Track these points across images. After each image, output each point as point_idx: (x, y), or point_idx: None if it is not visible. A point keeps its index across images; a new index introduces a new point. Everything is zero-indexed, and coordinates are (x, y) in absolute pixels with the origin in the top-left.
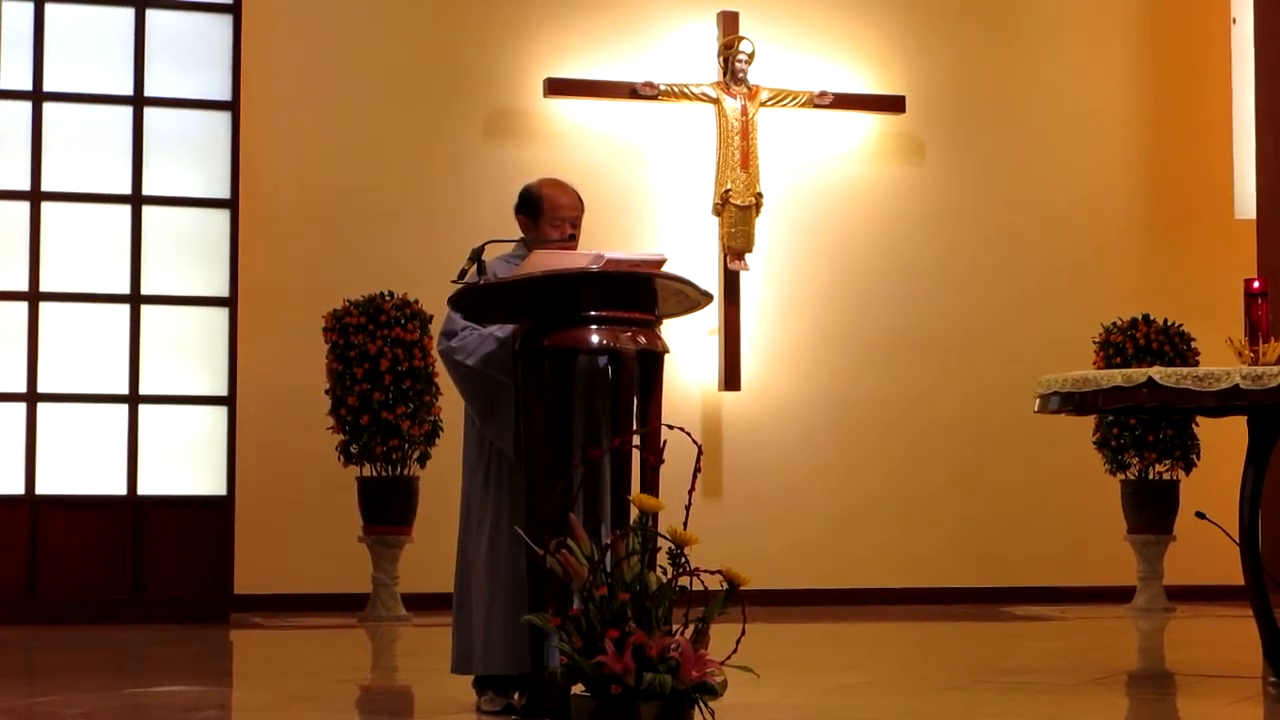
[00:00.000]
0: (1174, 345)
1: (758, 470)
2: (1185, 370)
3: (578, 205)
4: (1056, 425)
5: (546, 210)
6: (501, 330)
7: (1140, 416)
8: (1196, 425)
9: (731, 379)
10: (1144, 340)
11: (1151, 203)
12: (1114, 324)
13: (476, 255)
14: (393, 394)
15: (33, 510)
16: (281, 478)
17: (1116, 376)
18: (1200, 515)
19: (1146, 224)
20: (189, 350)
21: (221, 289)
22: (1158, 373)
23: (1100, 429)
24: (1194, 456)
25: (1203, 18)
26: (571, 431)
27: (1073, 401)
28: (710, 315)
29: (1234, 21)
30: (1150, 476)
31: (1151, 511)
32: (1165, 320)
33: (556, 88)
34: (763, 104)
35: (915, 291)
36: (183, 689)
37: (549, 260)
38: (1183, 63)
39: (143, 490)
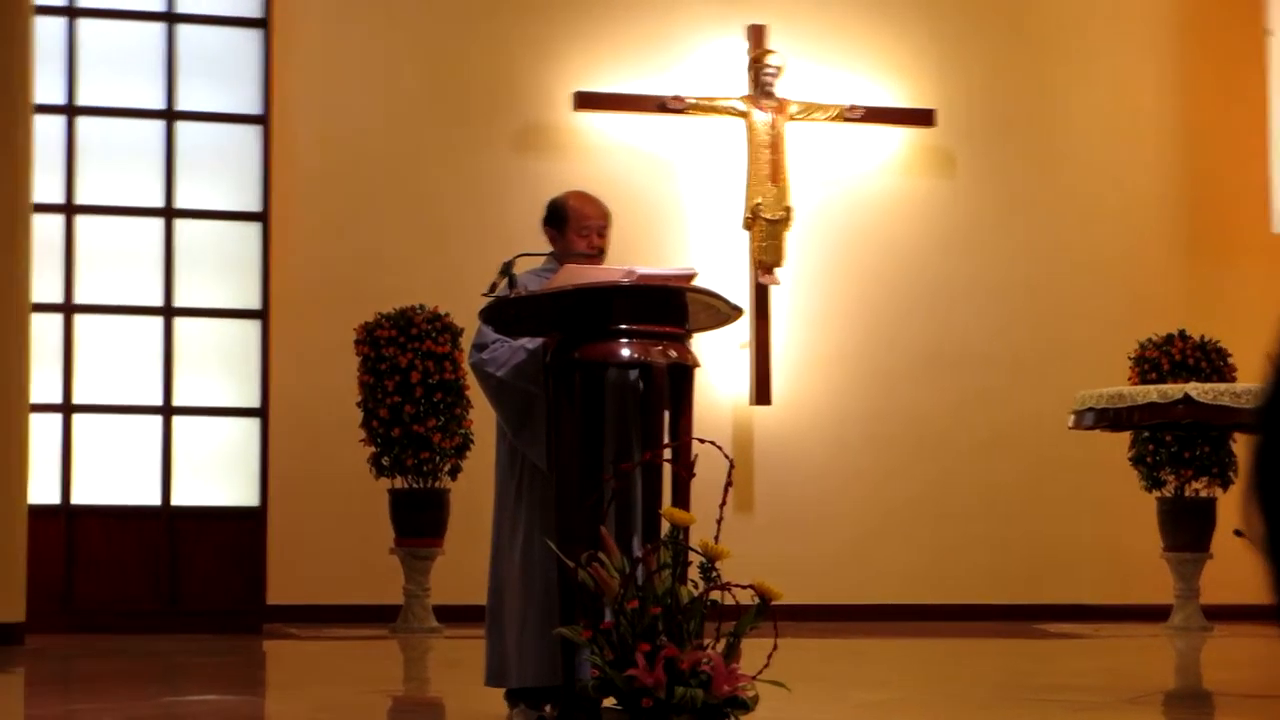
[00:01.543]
0: (1210, 361)
1: (789, 484)
2: (1222, 386)
3: (604, 215)
4: (1091, 441)
5: (573, 220)
6: (532, 342)
7: (1176, 433)
8: (1234, 442)
9: (762, 393)
10: (1180, 356)
11: (1187, 216)
12: (1149, 340)
13: (507, 268)
14: (424, 407)
15: (68, 520)
16: (314, 490)
17: (1152, 393)
18: (1239, 533)
19: (1182, 238)
20: (221, 362)
21: (253, 302)
22: (1194, 389)
23: (1136, 445)
24: (1231, 473)
25: (1237, 29)
26: (602, 445)
27: (1108, 418)
28: (741, 329)
29: (1269, 33)
30: (1186, 494)
31: (1188, 529)
32: (1201, 336)
33: (585, 101)
34: (792, 117)
35: (946, 306)
36: (216, 699)
37: (580, 274)
38: (1217, 75)
39: (176, 501)
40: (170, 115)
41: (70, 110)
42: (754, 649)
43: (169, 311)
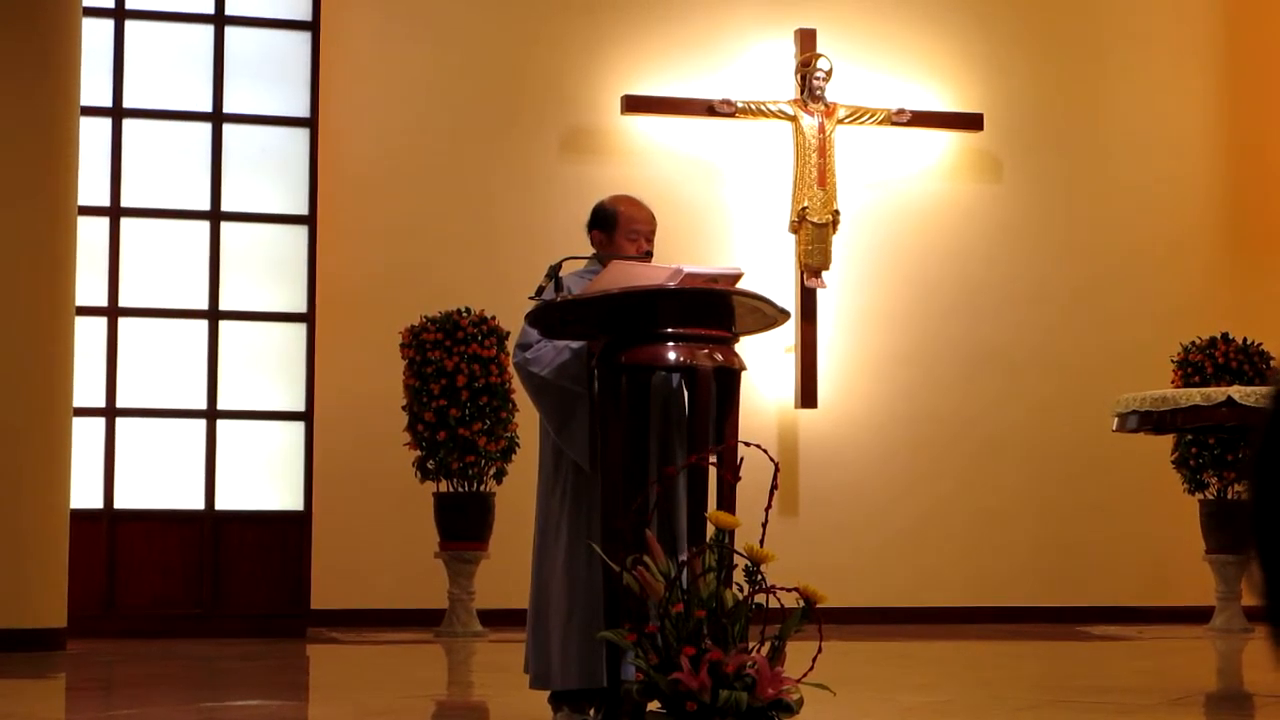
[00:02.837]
0: (1253, 364)
1: (834, 488)
2: (1265, 389)
3: (652, 220)
4: (1136, 444)
5: (622, 225)
6: (576, 342)
7: (1219, 436)
8: None
9: (808, 396)
10: (1223, 359)
11: (1230, 220)
12: (1193, 343)
13: (554, 272)
14: (469, 410)
15: (111, 524)
16: (358, 493)
17: (1195, 395)
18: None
19: (1225, 241)
20: (267, 366)
21: (299, 305)
22: (1237, 392)
23: (1179, 448)
24: None
25: None
26: (648, 448)
27: (1151, 421)
28: (787, 333)
29: None
30: (1229, 496)
31: (1231, 531)
32: (1245, 339)
33: (633, 105)
34: (840, 121)
35: (992, 309)
36: (259, 703)
37: (628, 273)
38: (1263, 79)
39: (220, 505)
40: (217, 118)
41: (117, 112)
42: (798, 652)
43: (214, 315)
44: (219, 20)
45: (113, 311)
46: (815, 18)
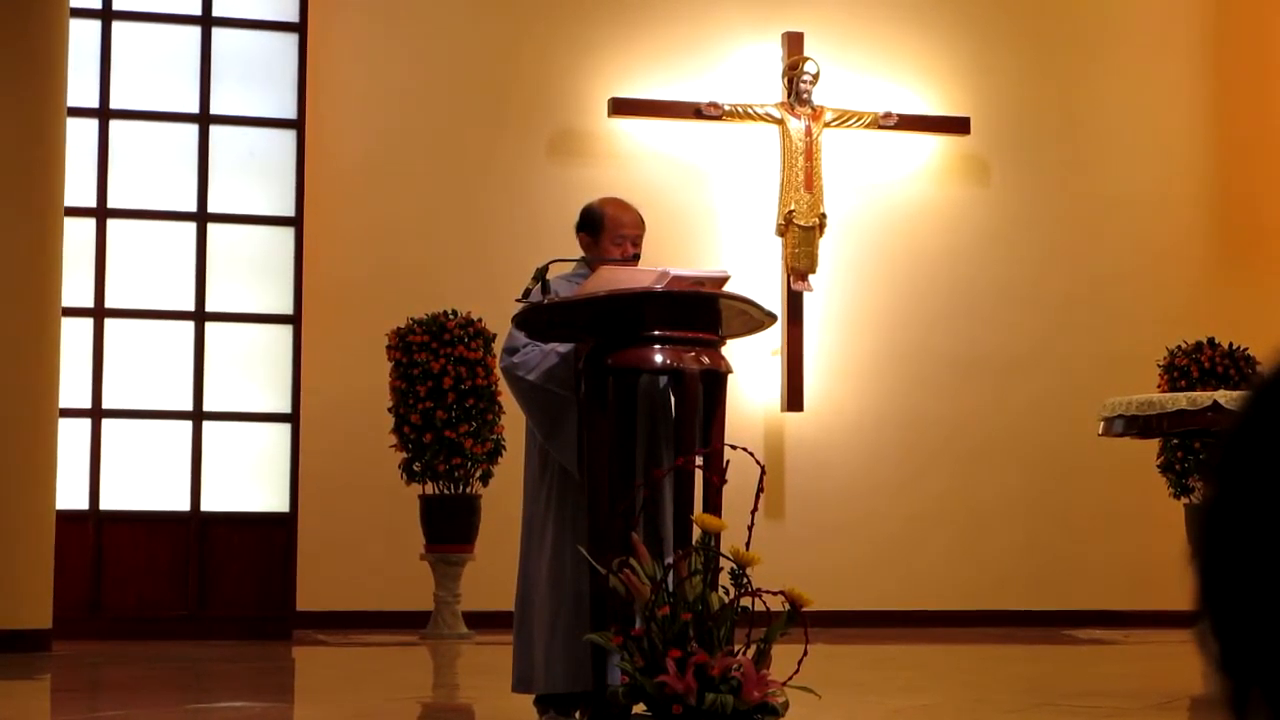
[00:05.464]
0: (1239, 369)
1: (820, 491)
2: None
3: (639, 224)
4: (1122, 448)
5: (609, 228)
6: (563, 346)
7: (1205, 440)
8: None
9: (794, 399)
10: (1209, 364)
11: (1218, 223)
12: (1179, 347)
13: (541, 274)
14: (456, 412)
15: (97, 526)
16: (344, 495)
17: (1181, 400)
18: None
19: (1213, 245)
20: (253, 367)
21: (286, 306)
22: (1223, 396)
23: (1164, 452)
24: None
25: (1270, 33)
26: (634, 451)
27: (1137, 425)
28: (773, 336)
29: None
30: None
31: None
32: (1230, 344)
33: (620, 108)
34: (827, 125)
35: (979, 312)
36: (245, 705)
37: (615, 276)
38: (1250, 80)
39: (206, 507)
40: (204, 119)
41: (104, 114)
42: (784, 655)
43: (201, 316)
44: (206, 22)
45: (99, 313)
46: (802, 21)
